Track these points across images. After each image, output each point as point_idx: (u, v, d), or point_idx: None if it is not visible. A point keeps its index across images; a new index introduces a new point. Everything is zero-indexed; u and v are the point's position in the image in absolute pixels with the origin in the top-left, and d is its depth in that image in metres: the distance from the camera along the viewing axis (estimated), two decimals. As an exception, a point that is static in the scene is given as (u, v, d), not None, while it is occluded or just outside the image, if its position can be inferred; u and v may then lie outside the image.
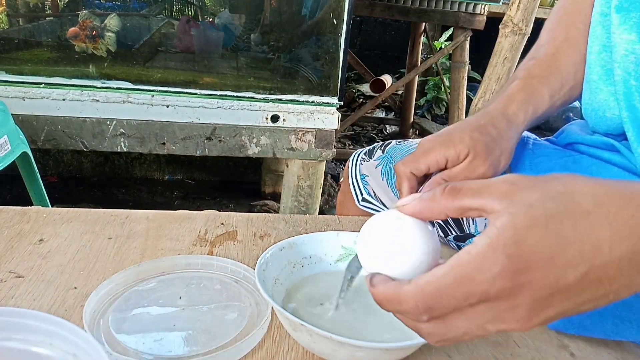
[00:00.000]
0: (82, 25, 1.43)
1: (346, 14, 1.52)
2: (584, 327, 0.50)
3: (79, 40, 1.43)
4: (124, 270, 0.51)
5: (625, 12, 0.51)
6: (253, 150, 1.62)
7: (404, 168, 0.50)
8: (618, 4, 0.52)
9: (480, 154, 0.49)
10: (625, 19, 0.51)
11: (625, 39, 0.51)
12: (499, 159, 0.51)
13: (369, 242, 0.35)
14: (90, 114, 1.49)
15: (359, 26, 3.91)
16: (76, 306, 0.48)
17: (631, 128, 0.53)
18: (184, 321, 0.47)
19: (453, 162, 0.49)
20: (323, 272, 0.53)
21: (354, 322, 0.46)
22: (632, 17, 0.50)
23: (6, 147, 1.17)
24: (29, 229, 0.61)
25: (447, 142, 0.50)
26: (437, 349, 0.47)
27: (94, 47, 1.44)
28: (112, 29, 1.45)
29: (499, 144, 0.51)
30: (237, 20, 1.64)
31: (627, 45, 0.51)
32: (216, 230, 0.65)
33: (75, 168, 2.25)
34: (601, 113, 0.57)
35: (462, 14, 2.43)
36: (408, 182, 0.49)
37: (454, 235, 0.66)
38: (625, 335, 0.49)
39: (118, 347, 0.43)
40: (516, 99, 0.55)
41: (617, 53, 0.52)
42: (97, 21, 1.45)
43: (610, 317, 0.49)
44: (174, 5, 1.60)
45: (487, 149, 0.49)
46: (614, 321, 0.49)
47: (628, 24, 0.51)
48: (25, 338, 0.34)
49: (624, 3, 0.51)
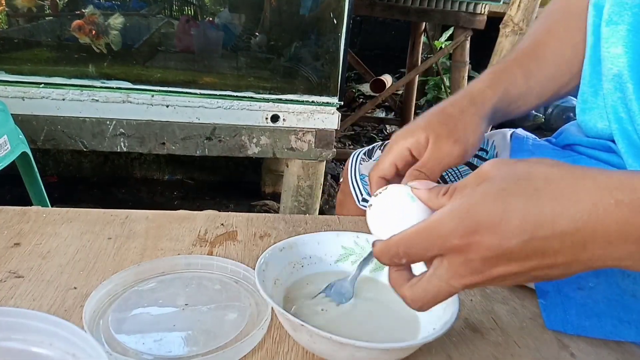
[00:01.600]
0: (88, 20, 1.43)
1: (346, 13, 1.52)
2: (583, 328, 0.50)
3: (82, 33, 1.43)
4: (123, 270, 0.51)
5: (614, 25, 0.51)
6: (253, 150, 1.62)
7: (372, 174, 0.50)
8: (608, 18, 0.52)
9: (440, 133, 0.48)
10: (613, 32, 0.51)
11: (612, 52, 0.51)
12: (464, 135, 0.49)
13: (381, 213, 0.41)
14: (90, 113, 1.49)
15: (359, 26, 3.91)
16: (76, 306, 0.48)
17: (620, 140, 0.53)
18: (184, 321, 0.47)
19: (417, 150, 0.48)
20: (323, 272, 0.53)
21: (355, 322, 0.46)
22: (619, 30, 0.50)
23: (6, 147, 1.17)
24: (29, 229, 0.61)
25: (404, 134, 0.49)
26: (437, 349, 0.46)
27: (96, 41, 1.44)
28: (115, 27, 1.45)
29: (461, 120, 0.50)
30: (237, 20, 1.64)
31: (613, 59, 0.51)
32: (216, 230, 0.65)
33: (75, 168, 2.25)
34: (592, 124, 0.57)
35: (463, 14, 2.43)
36: (377, 187, 0.48)
37: None
38: (624, 336, 0.49)
39: (118, 348, 0.43)
40: (483, 79, 0.55)
41: (605, 66, 0.52)
42: (102, 19, 1.45)
43: (609, 318, 0.49)
44: (174, 4, 1.60)
45: (447, 127, 0.49)
46: (612, 322, 0.49)
47: (615, 37, 0.51)
48: (25, 338, 0.34)
49: (614, 16, 0.51)
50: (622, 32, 0.50)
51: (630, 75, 0.49)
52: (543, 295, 0.52)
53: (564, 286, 0.51)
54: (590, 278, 0.50)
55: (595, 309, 0.50)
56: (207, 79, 1.58)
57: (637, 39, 0.49)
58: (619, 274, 0.49)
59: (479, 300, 0.56)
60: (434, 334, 0.40)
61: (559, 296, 0.51)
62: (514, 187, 0.32)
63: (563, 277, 0.34)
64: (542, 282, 0.52)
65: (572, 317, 0.50)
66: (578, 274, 0.51)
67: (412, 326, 0.46)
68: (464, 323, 0.51)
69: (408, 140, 0.49)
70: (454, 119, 0.50)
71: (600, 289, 0.50)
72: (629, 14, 0.49)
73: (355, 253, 0.54)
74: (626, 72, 0.49)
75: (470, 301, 0.55)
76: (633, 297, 0.49)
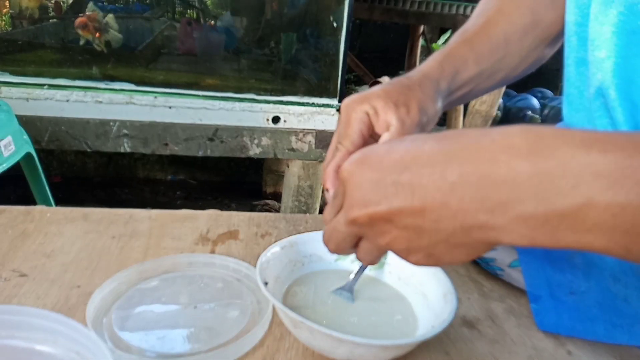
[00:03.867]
0: (91, 17, 1.44)
1: (346, 17, 1.53)
2: (576, 331, 0.50)
3: (87, 31, 1.44)
4: (127, 268, 0.51)
5: (599, 25, 0.44)
6: (254, 151, 1.63)
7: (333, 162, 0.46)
8: (594, 16, 0.45)
9: (400, 101, 0.45)
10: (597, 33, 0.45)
11: (596, 56, 0.45)
12: (424, 105, 0.47)
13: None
14: (93, 114, 1.50)
15: (358, 29, 3.92)
16: (79, 304, 0.48)
17: None
18: (187, 319, 0.47)
19: (373, 116, 0.45)
20: (323, 271, 0.53)
21: (354, 319, 0.47)
22: (603, 31, 0.44)
23: (10, 147, 1.18)
24: (33, 228, 0.62)
25: (359, 100, 0.46)
26: (435, 347, 0.47)
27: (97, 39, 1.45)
28: (112, 26, 1.47)
29: (418, 91, 0.47)
30: (239, 22, 1.65)
31: (597, 63, 0.45)
32: (218, 229, 0.65)
33: (79, 168, 2.26)
34: (580, 126, 0.55)
35: (460, 17, 2.45)
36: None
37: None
38: (617, 339, 0.49)
39: (121, 345, 0.43)
40: (434, 58, 0.52)
41: (590, 70, 0.47)
42: (101, 17, 1.46)
43: (602, 322, 0.49)
44: (177, 7, 1.61)
45: (405, 96, 0.46)
46: (605, 326, 0.49)
47: (600, 39, 0.44)
48: (28, 336, 0.34)
49: (599, 15, 0.44)
50: (606, 34, 0.43)
51: (614, 82, 0.43)
52: (535, 300, 0.52)
53: (556, 290, 0.51)
54: (581, 282, 0.50)
55: (588, 313, 0.50)
56: (210, 80, 1.60)
57: (622, 42, 0.42)
58: (610, 278, 0.49)
59: (477, 298, 0.56)
60: (432, 331, 0.41)
61: (551, 300, 0.51)
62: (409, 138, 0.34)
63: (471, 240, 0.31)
64: (534, 287, 0.52)
65: (564, 321, 0.50)
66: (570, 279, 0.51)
67: (411, 324, 0.47)
68: (461, 321, 0.52)
69: (364, 106, 0.45)
70: (412, 89, 0.47)
71: (592, 294, 0.50)
72: (614, 13, 0.42)
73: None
74: (609, 79, 0.43)
75: (467, 299, 0.56)
76: (625, 302, 0.49)
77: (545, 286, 0.52)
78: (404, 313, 0.48)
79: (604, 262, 0.49)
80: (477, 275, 0.61)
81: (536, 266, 0.52)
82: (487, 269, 0.62)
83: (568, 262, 0.51)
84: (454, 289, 0.45)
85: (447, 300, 0.45)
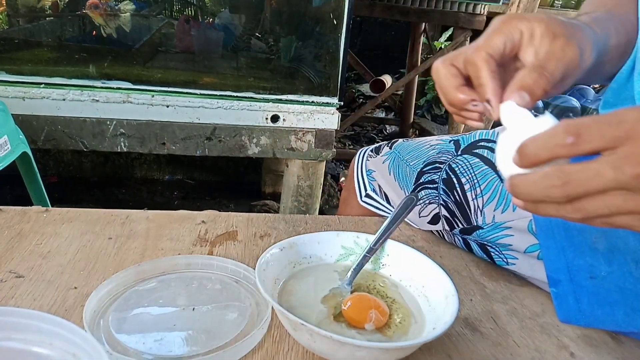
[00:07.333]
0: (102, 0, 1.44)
1: (346, 14, 1.52)
2: (595, 317, 0.49)
3: (98, 13, 1.43)
4: (124, 270, 0.51)
5: None
6: (253, 150, 1.63)
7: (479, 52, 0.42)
8: None
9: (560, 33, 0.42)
10: None
11: None
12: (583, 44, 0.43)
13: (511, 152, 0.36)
14: (90, 114, 1.49)
15: (359, 26, 3.91)
16: (76, 306, 0.48)
17: None
18: (184, 321, 0.47)
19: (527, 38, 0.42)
20: (323, 272, 0.53)
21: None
22: None
23: (6, 147, 1.17)
24: (29, 229, 0.61)
25: (518, 17, 0.43)
26: (437, 349, 0.47)
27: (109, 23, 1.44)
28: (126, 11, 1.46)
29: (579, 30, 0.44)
30: (237, 20, 1.64)
31: None
32: (216, 230, 0.65)
33: (76, 168, 2.25)
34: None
35: (462, 14, 2.44)
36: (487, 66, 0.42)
37: (460, 229, 0.65)
38: (636, 326, 0.49)
39: (118, 347, 0.43)
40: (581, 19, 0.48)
41: None
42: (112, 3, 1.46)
43: (622, 306, 0.49)
44: (174, 5, 1.60)
45: (567, 30, 0.42)
46: (625, 310, 0.49)
47: None
48: (25, 338, 0.34)
49: None
50: None
51: None
52: (555, 284, 0.52)
53: (576, 274, 0.51)
54: (602, 267, 0.50)
55: (608, 298, 0.49)
56: (208, 79, 1.59)
57: None
58: (633, 263, 0.49)
59: (479, 300, 0.56)
60: (434, 333, 0.40)
61: (571, 285, 0.51)
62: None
63: None
64: (553, 271, 0.52)
65: (584, 305, 0.50)
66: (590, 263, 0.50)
67: (412, 325, 0.46)
68: (463, 323, 0.51)
69: (523, 24, 0.42)
70: (573, 26, 0.43)
71: (612, 278, 0.49)
72: None
73: (355, 253, 0.54)
74: None
75: (470, 301, 0.55)
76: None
77: (565, 270, 0.51)
78: (405, 315, 0.47)
79: (627, 247, 0.49)
80: (480, 276, 0.61)
81: (556, 250, 0.52)
82: (498, 258, 0.61)
83: (589, 247, 0.51)
84: (455, 291, 0.45)
85: (449, 301, 0.44)
